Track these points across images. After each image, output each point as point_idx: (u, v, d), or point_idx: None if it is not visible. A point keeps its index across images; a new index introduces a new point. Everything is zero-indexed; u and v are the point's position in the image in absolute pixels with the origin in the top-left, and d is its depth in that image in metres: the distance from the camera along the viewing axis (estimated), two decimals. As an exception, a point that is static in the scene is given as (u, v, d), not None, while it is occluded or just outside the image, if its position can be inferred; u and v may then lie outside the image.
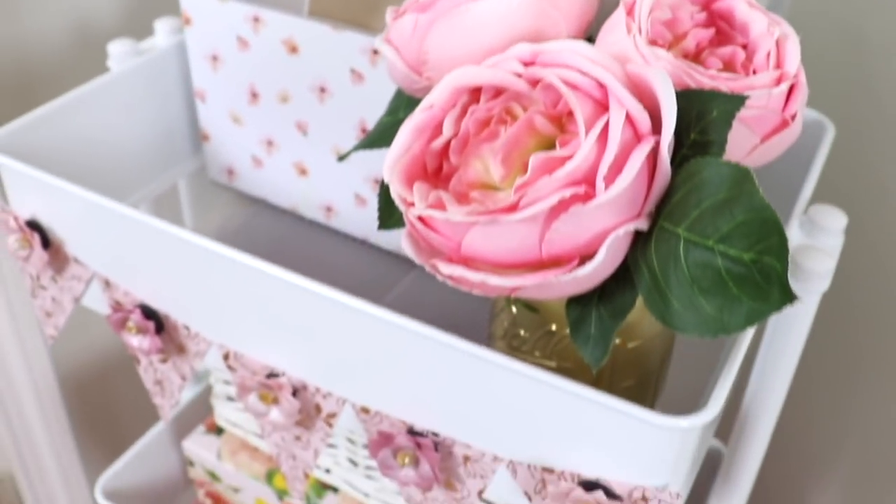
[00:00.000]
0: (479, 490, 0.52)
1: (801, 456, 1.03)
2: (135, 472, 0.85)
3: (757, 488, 0.78)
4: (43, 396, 1.07)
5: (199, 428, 0.83)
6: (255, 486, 0.79)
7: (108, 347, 1.12)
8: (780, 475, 1.05)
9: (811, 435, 1.01)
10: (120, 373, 1.14)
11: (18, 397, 1.06)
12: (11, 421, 1.08)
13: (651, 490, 0.46)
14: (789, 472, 1.05)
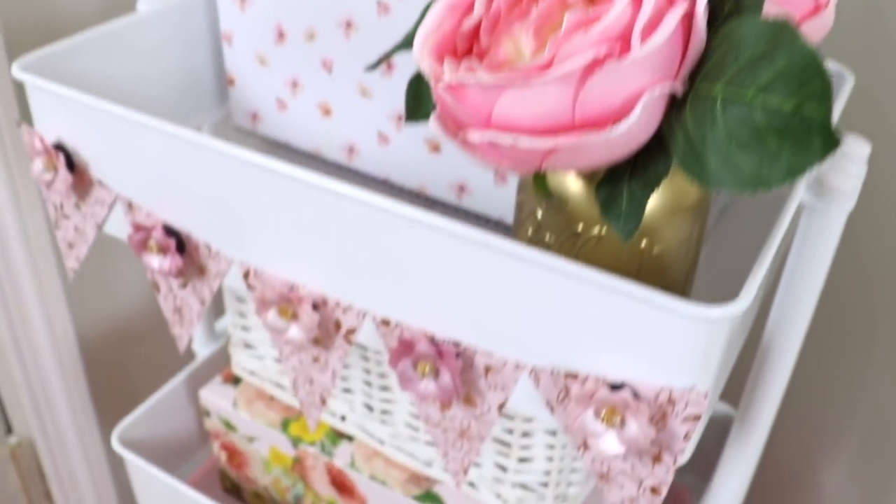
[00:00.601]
0: (499, 403, 0.52)
1: (811, 425, 1.01)
2: (151, 422, 0.85)
3: (766, 457, 0.77)
4: (64, 361, 1.07)
5: (217, 378, 0.83)
6: (269, 435, 0.78)
7: (128, 313, 1.12)
8: (790, 445, 1.03)
9: (822, 404, 1.00)
10: (138, 339, 1.14)
11: (40, 364, 1.06)
12: (33, 388, 1.08)
13: (678, 391, 0.45)
14: (799, 441, 1.03)
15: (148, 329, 1.14)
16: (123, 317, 1.11)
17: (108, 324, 1.10)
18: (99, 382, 1.12)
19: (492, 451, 0.68)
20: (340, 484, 0.76)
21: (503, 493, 0.70)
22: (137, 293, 1.11)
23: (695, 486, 0.92)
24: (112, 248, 1.05)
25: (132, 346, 1.14)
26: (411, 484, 0.73)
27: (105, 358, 1.11)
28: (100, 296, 1.08)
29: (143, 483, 0.82)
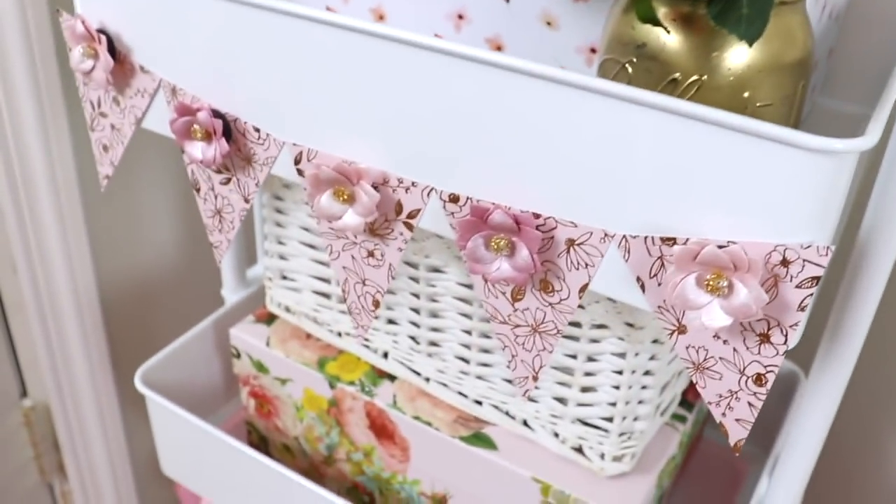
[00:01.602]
0: (581, 285, 0.47)
1: (879, 393, 0.95)
2: (176, 367, 0.80)
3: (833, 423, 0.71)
4: (85, 320, 1.02)
5: (249, 318, 0.78)
6: (304, 375, 0.72)
7: (151, 274, 1.07)
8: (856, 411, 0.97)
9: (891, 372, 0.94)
10: (161, 301, 1.09)
11: (61, 323, 1.01)
12: (52, 348, 1.02)
13: (794, 249, 0.40)
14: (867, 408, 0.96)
15: (171, 290, 1.09)
16: (146, 277, 1.06)
17: (130, 284, 1.05)
18: (119, 345, 1.07)
19: (551, 380, 0.62)
20: (380, 427, 0.70)
21: (562, 432, 0.64)
22: (161, 253, 1.06)
23: (752, 455, 0.86)
24: (138, 206, 1.00)
25: (154, 307, 1.09)
26: (459, 425, 0.67)
27: (126, 319, 1.06)
28: (123, 254, 1.03)
29: (165, 427, 0.77)
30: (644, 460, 0.65)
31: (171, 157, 1.00)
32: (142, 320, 1.08)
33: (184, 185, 1.03)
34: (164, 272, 1.07)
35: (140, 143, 0.96)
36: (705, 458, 0.85)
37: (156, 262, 1.06)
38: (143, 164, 0.99)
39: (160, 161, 1.00)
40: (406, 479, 0.71)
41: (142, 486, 1.20)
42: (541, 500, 0.64)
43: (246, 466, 0.71)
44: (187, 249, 1.08)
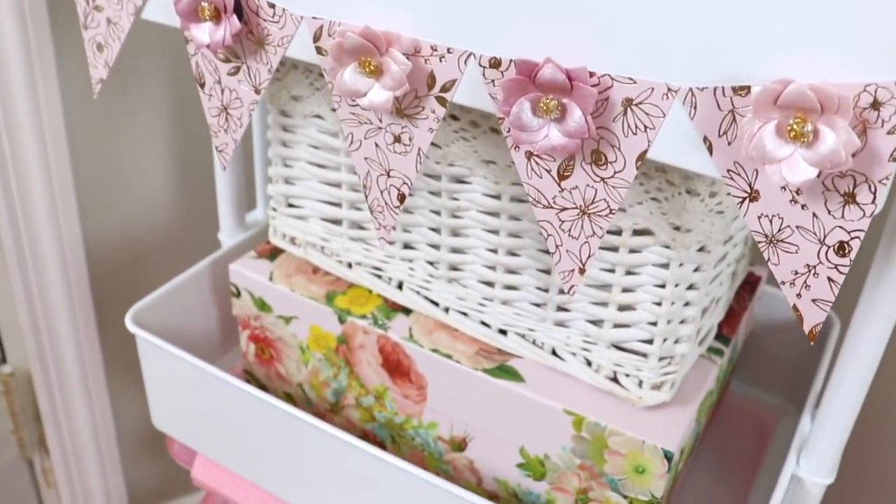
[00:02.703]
0: (639, 153, 0.42)
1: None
2: (169, 310, 0.74)
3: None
4: (71, 280, 0.96)
5: (250, 253, 0.72)
6: (311, 311, 0.67)
7: (139, 232, 1.01)
8: None
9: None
10: (149, 261, 1.03)
11: (45, 282, 0.95)
12: (35, 310, 0.96)
13: (886, 88, 0.35)
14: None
15: (163, 247, 1.03)
16: (137, 232, 1.01)
17: (119, 239, 1.00)
18: (107, 307, 1.01)
19: (584, 300, 0.57)
20: (394, 364, 0.65)
21: (596, 360, 0.59)
22: (153, 205, 1.00)
23: (780, 408, 0.81)
24: (128, 152, 0.95)
25: (145, 266, 1.03)
26: (482, 357, 0.62)
27: (115, 278, 1.00)
28: (113, 205, 0.97)
29: (156, 372, 0.71)
30: (682, 392, 0.60)
31: (164, 99, 0.95)
32: (132, 280, 1.02)
33: (178, 130, 0.98)
34: (157, 226, 1.01)
35: (129, 83, 0.91)
36: (732, 412, 0.80)
37: (147, 214, 1.00)
38: (133, 107, 0.93)
39: (152, 104, 0.95)
40: (421, 422, 0.66)
41: (128, 463, 1.14)
42: (573, 434, 0.59)
43: (247, 409, 0.66)
44: (182, 201, 1.02)
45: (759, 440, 0.78)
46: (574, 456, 0.59)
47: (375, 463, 0.59)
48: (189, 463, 0.77)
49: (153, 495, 1.20)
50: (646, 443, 0.56)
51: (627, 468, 0.58)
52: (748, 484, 0.74)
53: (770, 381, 0.83)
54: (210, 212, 0.86)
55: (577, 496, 0.61)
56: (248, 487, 0.73)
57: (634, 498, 0.59)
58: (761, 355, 0.82)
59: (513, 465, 0.63)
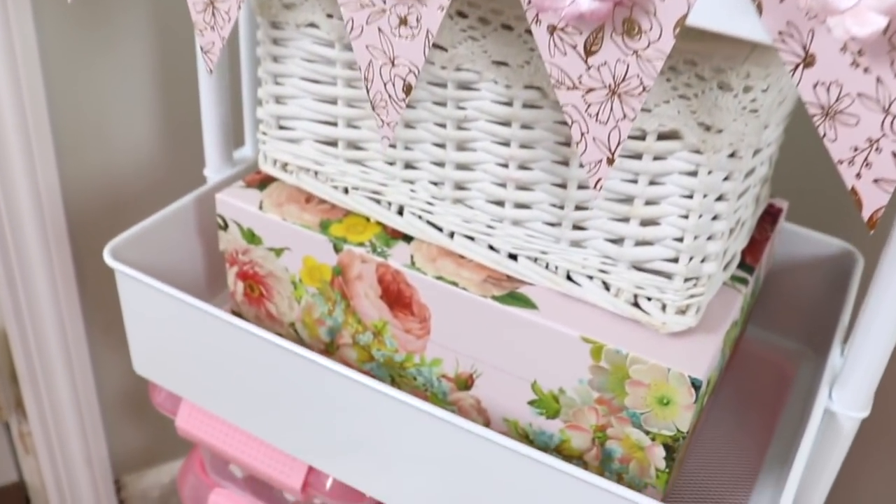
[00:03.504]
0: (677, 19, 0.37)
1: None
2: (151, 247, 0.69)
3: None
4: (48, 231, 0.91)
5: (237, 183, 0.67)
6: (304, 240, 0.62)
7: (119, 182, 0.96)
8: None
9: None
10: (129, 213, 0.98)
11: (21, 233, 0.90)
12: (10, 262, 0.91)
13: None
14: None
15: (145, 196, 0.98)
16: (117, 179, 0.95)
17: (99, 187, 0.94)
18: (86, 260, 0.96)
19: (603, 216, 0.53)
20: (394, 295, 0.60)
21: (615, 283, 0.54)
22: (134, 151, 0.95)
23: (799, 353, 0.77)
24: (107, 95, 0.90)
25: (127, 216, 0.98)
26: (490, 285, 0.58)
27: (95, 229, 0.95)
28: (91, 152, 0.92)
29: (137, 310, 0.66)
30: (707, 320, 0.56)
31: (147, 28, 0.90)
32: (112, 230, 0.96)
33: (159, 70, 0.92)
34: (139, 172, 0.96)
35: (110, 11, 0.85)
36: (748, 358, 0.76)
37: (129, 158, 0.95)
38: (112, 47, 0.88)
39: (135, 33, 0.89)
40: (424, 360, 0.61)
41: (111, 427, 1.08)
42: (591, 364, 0.54)
43: (237, 347, 0.61)
44: (164, 146, 0.97)
45: (777, 386, 0.74)
46: (592, 389, 0.55)
47: (381, 401, 0.55)
48: (173, 412, 0.72)
49: (137, 461, 1.15)
50: (671, 371, 0.52)
51: (651, 400, 0.53)
52: (769, 429, 0.70)
53: (787, 325, 0.78)
54: (196, 155, 0.81)
55: (595, 434, 0.57)
56: (237, 436, 0.69)
57: (657, 433, 0.54)
58: (778, 298, 0.78)
59: (524, 403, 0.58)
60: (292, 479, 0.67)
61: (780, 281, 0.77)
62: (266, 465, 0.67)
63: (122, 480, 1.16)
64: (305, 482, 0.67)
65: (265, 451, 0.67)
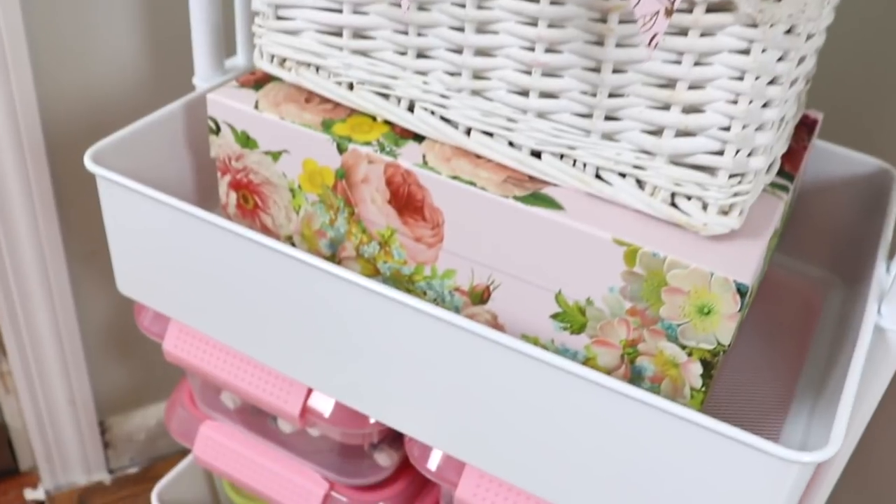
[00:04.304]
0: None
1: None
2: (135, 156, 0.63)
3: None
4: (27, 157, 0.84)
5: (231, 83, 0.61)
6: (304, 142, 0.57)
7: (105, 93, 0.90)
8: None
9: None
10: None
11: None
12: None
13: None
14: None
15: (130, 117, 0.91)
16: (100, 100, 0.89)
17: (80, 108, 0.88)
18: (67, 187, 0.90)
19: (641, 103, 0.47)
20: (405, 199, 0.54)
21: (651, 179, 0.49)
22: (118, 70, 0.89)
23: (827, 282, 0.72)
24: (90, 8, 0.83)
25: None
26: (511, 185, 0.52)
27: (76, 152, 0.89)
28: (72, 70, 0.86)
29: (120, 220, 0.60)
30: (748, 225, 0.51)
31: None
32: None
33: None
34: (122, 89, 0.90)
35: None
36: (773, 286, 0.71)
37: (111, 75, 0.88)
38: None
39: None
40: (435, 272, 0.56)
41: (94, 366, 1.03)
42: (623, 271, 0.49)
43: (230, 256, 0.55)
44: (150, 58, 0.90)
45: (805, 315, 0.69)
46: (623, 298, 0.50)
47: (393, 310, 0.50)
48: (160, 336, 0.67)
49: (123, 402, 1.10)
50: (714, 275, 0.47)
51: (690, 310, 0.48)
52: (799, 357, 0.66)
53: (814, 251, 0.73)
54: (184, 69, 0.75)
55: (624, 350, 0.52)
56: (229, 359, 0.64)
57: (695, 347, 0.49)
58: (805, 222, 0.73)
59: (546, 317, 0.53)
60: (290, 405, 0.62)
61: (806, 203, 0.72)
62: (261, 390, 0.62)
63: (107, 422, 1.10)
64: (304, 408, 0.62)
65: (260, 375, 0.62)
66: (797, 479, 0.43)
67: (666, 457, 0.46)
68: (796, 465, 0.42)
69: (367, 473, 0.69)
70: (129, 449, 1.13)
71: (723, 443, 0.43)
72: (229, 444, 0.72)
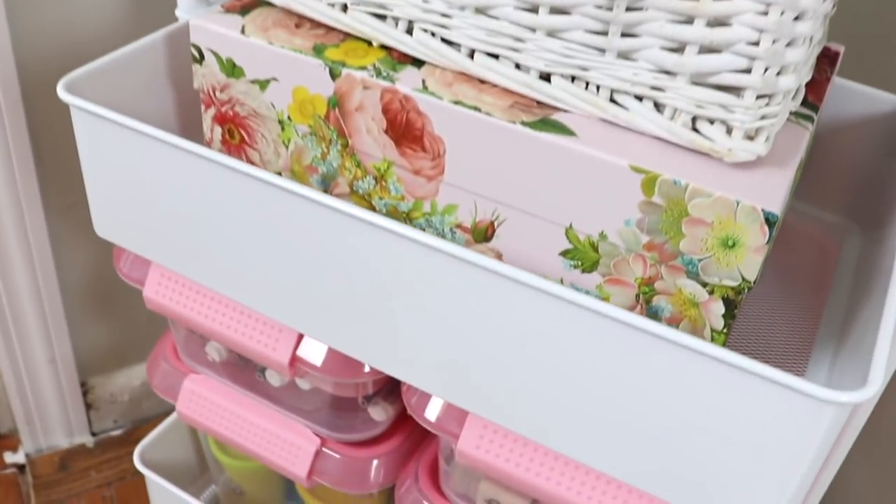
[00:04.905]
0: None
1: None
2: (114, 86, 0.59)
3: None
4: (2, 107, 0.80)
5: (215, 8, 0.57)
6: (295, 68, 0.53)
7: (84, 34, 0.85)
8: None
9: None
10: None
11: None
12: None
13: None
14: None
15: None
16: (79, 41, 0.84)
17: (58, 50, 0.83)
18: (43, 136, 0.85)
19: (661, 18, 0.43)
20: (403, 128, 0.50)
21: (671, 102, 0.45)
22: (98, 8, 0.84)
23: (843, 228, 0.69)
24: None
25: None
26: (518, 110, 0.48)
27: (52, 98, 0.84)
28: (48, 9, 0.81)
29: (96, 152, 0.56)
30: (774, 154, 0.47)
31: None
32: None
33: None
34: (102, 31, 0.85)
35: None
36: (788, 232, 0.68)
37: (90, 18, 0.83)
38: None
39: None
40: (435, 207, 0.52)
41: (75, 322, 0.99)
42: (641, 200, 0.45)
43: (215, 187, 0.51)
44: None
45: (821, 262, 0.66)
46: (640, 232, 0.46)
47: (391, 244, 0.46)
48: (140, 282, 0.63)
49: (106, 362, 1.06)
50: (741, 204, 0.43)
51: (713, 243, 0.45)
52: (818, 306, 0.62)
53: (829, 196, 0.70)
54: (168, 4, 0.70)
55: (640, 289, 0.48)
56: (214, 305, 0.60)
57: (717, 284, 0.46)
58: (820, 165, 0.69)
59: (555, 255, 0.50)
60: (279, 353, 0.58)
61: (823, 146, 0.68)
62: (248, 337, 0.59)
63: (90, 383, 1.07)
64: (293, 357, 0.58)
65: (247, 322, 0.59)
66: (831, 423, 0.40)
67: (689, 402, 0.42)
68: (832, 407, 0.39)
69: (361, 428, 0.66)
70: (112, 411, 1.09)
71: (753, 383, 0.40)
72: (214, 398, 0.68)
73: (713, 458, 0.43)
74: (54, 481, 1.05)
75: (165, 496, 0.80)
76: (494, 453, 0.53)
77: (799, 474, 0.42)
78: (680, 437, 0.44)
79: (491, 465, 0.53)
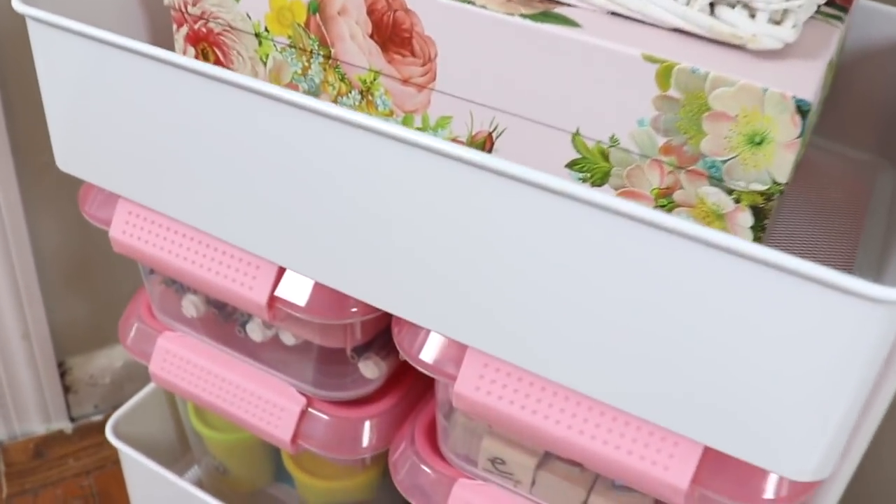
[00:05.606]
0: None
1: None
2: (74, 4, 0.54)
3: None
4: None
5: (182, -86, 0.52)
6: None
7: None
8: None
9: None
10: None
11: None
12: None
13: None
14: None
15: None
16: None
17: None
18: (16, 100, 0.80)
19: None
20: (390, 30, 0.46)
21: (688, -18, 0.40)
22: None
23: (874, 166, 0.64)
24: None
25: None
26: (516, 3, 0.43)
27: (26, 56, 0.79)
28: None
29: (56, 71, 0.51)
30: (802, 45, 0.42)
31: None
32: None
33: None
34: None
35: None
36: (814, 169, 0.63)
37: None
38: None
39: None
40: (427, 120, 0.47)
41: (51, 297, 0.94)
42: (656, 95, 0.40)
43: (186, 100, 0.46)
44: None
45: (854, 199, 0.61)
46: (656, 133, 0.41)
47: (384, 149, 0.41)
48: (107, 223, 0.58)
49: (84, 341, 1.00)
50: (769, 92, 0.38)
51: (738, 140, 0.40)
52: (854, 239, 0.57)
53: (857, 132, 0.65)
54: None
55: (657, 202, 0.43)
56: (185, 242, 0.54)
57: (744, 191, 0.41)
58: (845, 98, 0.64)
59: (561, 167, 0.45)
60: (256, 292, 0.53)
61: (847, 76, 0.63)
62: (223, 276, 0.53)
63: (68, 363, 1.01)
64: (272, 296, 0.53)
65: (221, 259, 0.53)
66: (883, 332, 0.35)
67: (718, 314, 0.37)
68: (884, 307, 0.34)
69: (351, 387, 0.61)
70: (92, 394, 1.04)
71: (792, 284, 0.35)
72: (191, 356, 0.63)
73: (746, 383, 0.38)
74: (28, 469, 0.99)
75: (143, 474, 0.74)
76: (497, 394, 0.48)
77: (844, 398, 0.37)
78: (709, 360, 0.38)
79: (492, 408, 0.48)
